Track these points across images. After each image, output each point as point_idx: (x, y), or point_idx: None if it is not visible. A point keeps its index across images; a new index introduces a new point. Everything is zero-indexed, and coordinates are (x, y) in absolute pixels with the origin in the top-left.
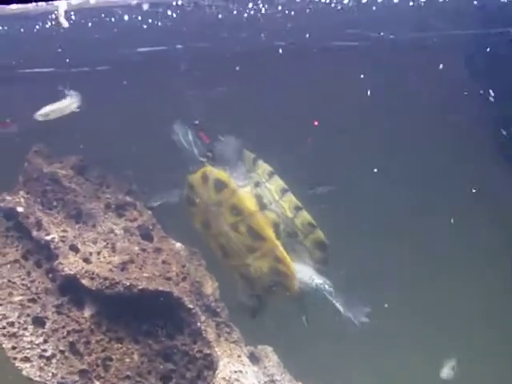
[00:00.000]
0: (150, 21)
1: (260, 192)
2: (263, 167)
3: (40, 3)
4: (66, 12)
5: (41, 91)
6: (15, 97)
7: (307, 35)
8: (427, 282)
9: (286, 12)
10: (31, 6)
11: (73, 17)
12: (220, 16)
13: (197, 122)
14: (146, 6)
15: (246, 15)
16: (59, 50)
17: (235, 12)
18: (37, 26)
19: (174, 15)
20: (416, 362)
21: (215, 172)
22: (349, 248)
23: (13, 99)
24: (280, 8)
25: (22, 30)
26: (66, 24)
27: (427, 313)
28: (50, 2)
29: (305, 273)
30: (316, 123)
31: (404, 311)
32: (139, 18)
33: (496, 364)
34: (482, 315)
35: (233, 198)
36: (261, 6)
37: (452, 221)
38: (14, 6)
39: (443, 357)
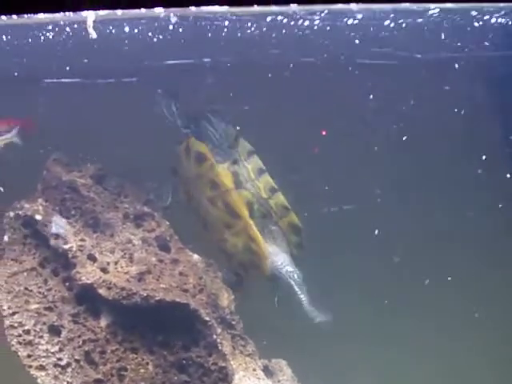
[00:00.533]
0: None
1: (237, 170)
2: (244, 145)
3: (68, 13)
4: (94, 22)
5: (68, 101)
6: (40, 107)
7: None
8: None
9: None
10: (59, 15)
11: (100, 27)
12: (250, 31)
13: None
14: (174, 19)
15: (275, 33)
16: (85, 61)
17: (265, 29)
18: (63, 36)
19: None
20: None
21: (197, 144)
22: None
23: (38, 109)
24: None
25: (50, 38)
26: (94, 35)
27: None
28: (78, 12)
29: (278, 257)
30: (324, 133)
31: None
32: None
33: None
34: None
35: (210, 172)
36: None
37: None
38: (41, 15)
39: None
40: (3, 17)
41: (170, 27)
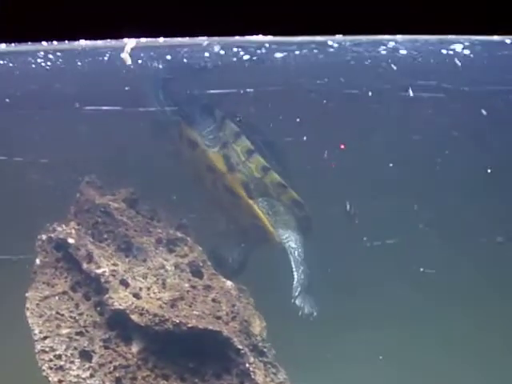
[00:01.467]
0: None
1: (227, 152)
2: (230, 127)
3: (109, 40)
4: (132, 49)
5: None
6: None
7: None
8: None
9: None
10: (100, 42)
11: (141, 54)
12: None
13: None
14: (217, 48)
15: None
16: (126, 88)
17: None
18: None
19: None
20: None
21: (187, 131)
22: None
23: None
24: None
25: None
26: (129, 61)
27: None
28: (120, 39)
29: (284, 232)
30: (342, 146)
31: None
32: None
33: None
34: None
35: (203, 157)
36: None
37: None
38: (82, 42)
39: None
40: (44, 43)
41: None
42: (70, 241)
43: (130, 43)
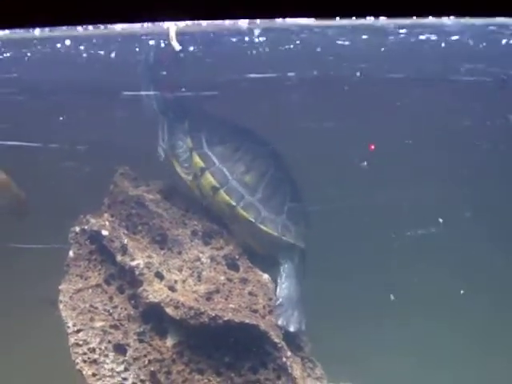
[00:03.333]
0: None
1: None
2: (196, 161)
3: (146, 24)
4: (177, 34)
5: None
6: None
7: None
8: None
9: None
10: (137, 26)
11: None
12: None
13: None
14: (257, 32)
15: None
16: (164, 73)
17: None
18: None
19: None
20: None
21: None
22: None
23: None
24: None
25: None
26: (178, 47)
27: None
28: (157, 23)
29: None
30: (372, 147)
31: None
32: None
33: None
34: None
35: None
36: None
37: None
38: (118, 27)
39: None
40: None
41: (256, 40)
42: (104, 233)
43: (171, 28)
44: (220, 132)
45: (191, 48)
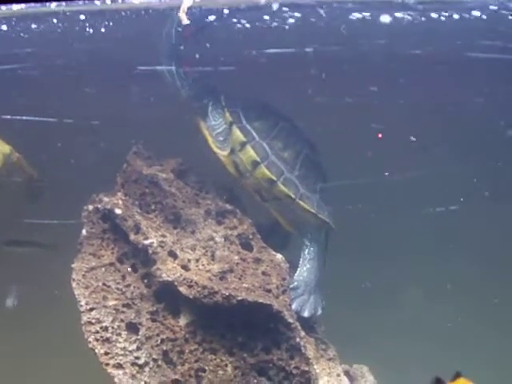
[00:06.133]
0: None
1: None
2: (237, 134)
3: None
4: (189, 8)
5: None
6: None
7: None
8: None
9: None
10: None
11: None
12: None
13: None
14: (275, 6)
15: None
16: (181, 47)
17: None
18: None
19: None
20: None
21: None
22: None
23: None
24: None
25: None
26: (185, 21)
27: None
28: None
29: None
30: (380, 135)
31: None
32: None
33: None
34: None
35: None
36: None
37: None
38: (136, 1)
39: None
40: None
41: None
42: (117, 211)
43: (186, 1)
44: (255, 108)
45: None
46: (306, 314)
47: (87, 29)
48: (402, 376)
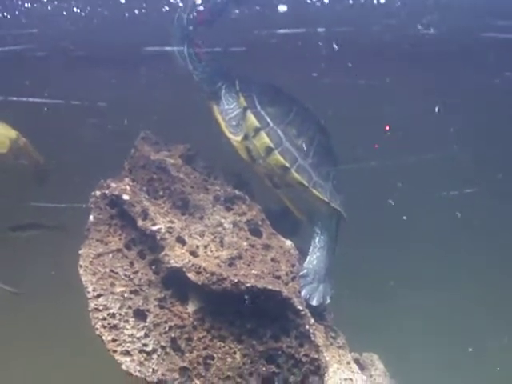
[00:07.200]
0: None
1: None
2: (251, 120)
3: None
4: None
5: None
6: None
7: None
8: None
9: None
10: None
11: None
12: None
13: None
14: None
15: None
16: (193, 30)
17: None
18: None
19: None
20: None
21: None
22: None
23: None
24: None
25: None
26: (199, 0)
27: None
28: None
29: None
30: (387, 128)
31: None
32: None
33: None
34: None
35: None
36: None
37: None
38: None
39: None
40: None
41: None
42: (125, 197)
43: None
44: (269, 93)
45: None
46: (314, 302)
47: (99, 8)
48: (412, 364)
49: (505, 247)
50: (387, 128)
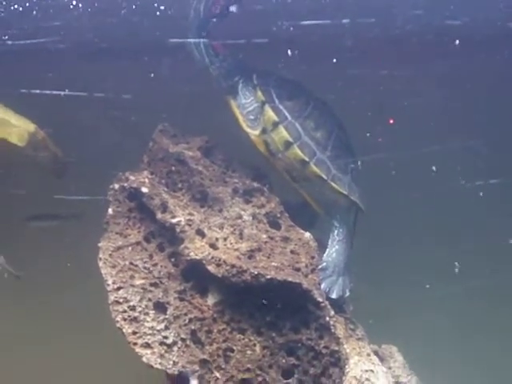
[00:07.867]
0: None
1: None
2: (269, 114)
3: None
4: None
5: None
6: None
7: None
8: None
9: None
10: None
11: None
12: None
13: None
14: None
15: None
16: (210, 23)
17: None
18: None
19: None
20: None
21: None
22: None
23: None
24: None
25: None
26: None
27: None
28: None
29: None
30: (391, 121)
31: None
32: None
33: None
34: None
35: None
36: None
37: None
38: None
39: None
40: None
41: None
42: (144, 190)
43: None
44: (286, 86)
45: None
46: (334, 295)
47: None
48: (431, 357)
49: None
50: (391, 121)
